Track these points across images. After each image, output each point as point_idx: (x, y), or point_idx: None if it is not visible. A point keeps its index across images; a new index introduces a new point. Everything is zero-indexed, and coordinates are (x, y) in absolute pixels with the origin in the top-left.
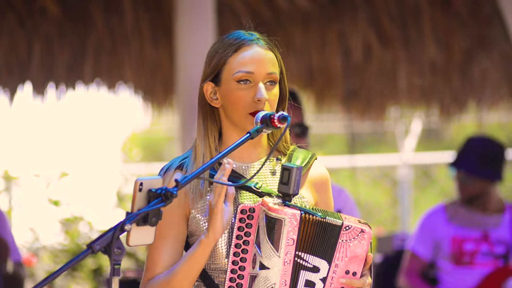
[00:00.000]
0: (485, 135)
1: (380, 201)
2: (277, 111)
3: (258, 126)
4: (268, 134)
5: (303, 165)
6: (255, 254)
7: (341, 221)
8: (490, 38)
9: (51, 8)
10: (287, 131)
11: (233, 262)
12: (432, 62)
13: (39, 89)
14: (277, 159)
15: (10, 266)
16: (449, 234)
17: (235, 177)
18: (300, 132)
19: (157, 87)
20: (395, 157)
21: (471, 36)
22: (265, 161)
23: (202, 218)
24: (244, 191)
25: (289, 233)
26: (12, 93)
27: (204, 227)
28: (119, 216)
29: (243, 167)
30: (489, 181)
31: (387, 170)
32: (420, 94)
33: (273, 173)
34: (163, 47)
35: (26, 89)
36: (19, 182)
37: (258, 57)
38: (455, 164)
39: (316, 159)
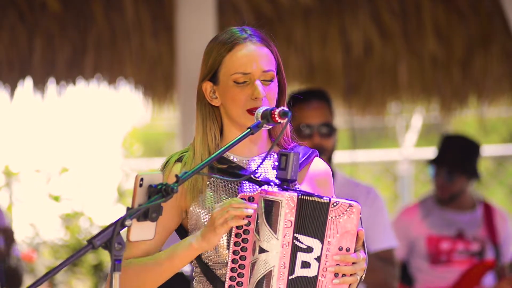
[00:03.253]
0: (462, 134)
1: (381, 196)
2: (277, 105)
3: (258, 121)
4: (269, 131)
5: (302, 159)
6: (255, 242)
7: (328, 198)
8: (491, 33)
9: (52, 3)
10: (287, 126)
11: (234, 252)
12: (433, 57)
13: (40, 85)
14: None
15: (13, 259)
16: (425, 234)
17: (237, 170)
18: (327, 132)
19: (157, 82)
20: (396, 152)
21: (472, 31)
22: (266, 155)
23: (203, 211)
24: (245, 183)
25: (287, 215)
26: (13, 88)
27: (205, 220)
28: (120, 211)
29: (244, 161)
30: (469, 178)
31: (388, 165)
32: (420, 89)
33: (274, 168)
34: (164, 42)
35: (26, 85)
36: (20, 177)
37: (253, 55)
38: (438, 162)
39: (317, 156)
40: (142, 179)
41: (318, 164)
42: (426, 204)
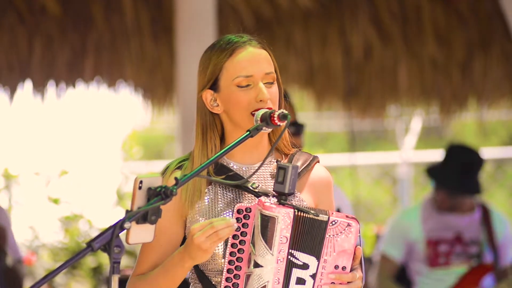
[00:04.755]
0: (465, 145)
1: (381, 199)
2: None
3: (257, 124)
4: (270, 136)
5: (302, 167)
6: (250, 254)
7: (327, 216)
8: (491, 35)
9: (52, 6)
10: (287, 132)
11: (230, 262)
12: (433, 59)
13: (40, 87)
14: (277, 161)
15: (10, 260)
16: (423, 237)
17: (235, 178)
18: (296, 131)
19: (157, 85)
20: (395, 155)
21: (471, 34)
22: (264, 159)
23: (201, 219)
24: (244, 193)
25: (282, 231)
26: (13, 91)
27: None
28: (119, 214)
29: (243, 168)
30: (470, 195)
31: (387, 168)
32: (420, 92)
33: (273, 176)
34: (163, 45)
35: (26, 87)
36: (19, 180)
37: (254, 58)
38: (439, 181)
39: (318, 162)
40: (141, 182)
41: (319, 171)
42: (425, 207)
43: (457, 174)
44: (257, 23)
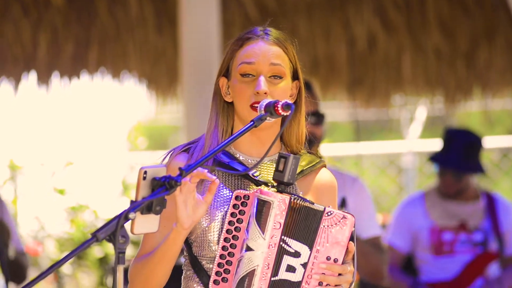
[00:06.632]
0: (463, 128)
1: (386, 188)
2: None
3: (261, 114)
4: (283, 135)
5: (307, 166)
6: (244, 239)
7: (323, 207)
8: (495, 25)
9: None
10: (304, 133)
11: (223, 248)
12: (437, 49)
13: (44, 78)
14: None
15: (12, 252)
16: (427, 225)
17: (237, 166)
18: (316, 120)
19: (161, 76)
20: (400, 144)
21: (476, 23)
22: (268, 150)
23: None
24: (246, 183)
25: (276, 216)
26: (17, 82)
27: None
28: (124, 204)
29: (249, 160)
30: (475, 174)
31: (392, 157)
32: (425, 82)
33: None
34: (168, 36)
35: (31, 78)
36: (24, 171)
37: (261, 50)
38: (443, 162)
39: (325, 166)
40: (146, 172)
41: (324, 174)
42: (429, 196)
43: (459, 155)
44: (261, 14)
